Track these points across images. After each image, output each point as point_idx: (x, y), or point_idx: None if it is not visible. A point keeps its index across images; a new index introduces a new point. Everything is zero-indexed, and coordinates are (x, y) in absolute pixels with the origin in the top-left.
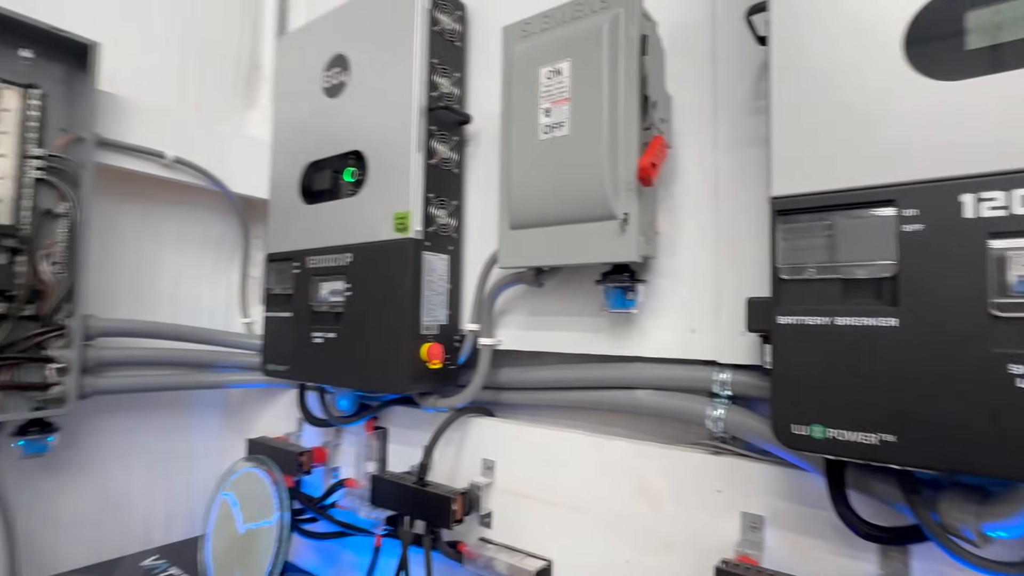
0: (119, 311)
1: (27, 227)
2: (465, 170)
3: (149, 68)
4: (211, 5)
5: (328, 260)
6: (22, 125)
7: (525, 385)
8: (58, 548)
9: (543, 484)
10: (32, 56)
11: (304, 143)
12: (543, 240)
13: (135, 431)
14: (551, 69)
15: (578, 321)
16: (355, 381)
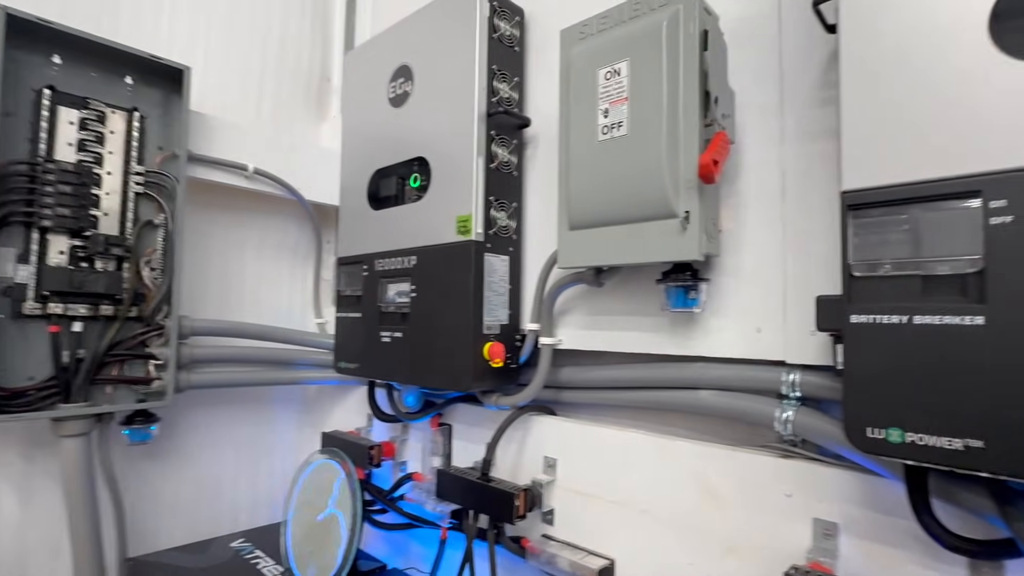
0: (209, 312)
1: (131, 237)
2: (524, 172)
3: (232, 88)
4: (286, 25)
5: (394, 263)
6: (126, 145)
7: (586, 384)
8: (159, 527)
9: (605, 483)
10: (133, 83)
11: (371, 152)
12: (603, 240)
13: (224, 423)
14: (609, 70)
15: (639, 321)
16: (421, 378)
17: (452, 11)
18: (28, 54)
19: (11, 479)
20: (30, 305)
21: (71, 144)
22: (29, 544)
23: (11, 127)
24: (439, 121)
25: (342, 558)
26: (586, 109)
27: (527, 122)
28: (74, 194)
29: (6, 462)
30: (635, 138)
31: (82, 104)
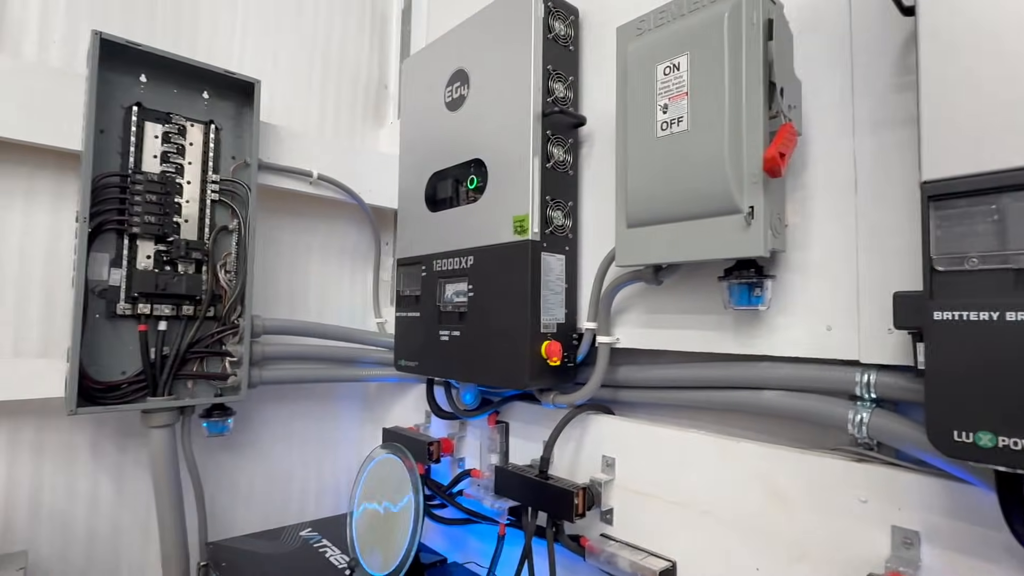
0: (278, 312)
1: (208, 242)
2: (579, 171)
3: (297, 98)
4: (346, 37)
5: (452, 263)
6: (203, 156)
7: (644, 384)
8: (235, 514)
9: (665, 483)
10: (209, 97)
11: (428, 155)
12: (662, 237)
13: (292, 418)
14: (668, 65)
15: (700, 319)
16: (479, 376)
17: (507, 14)
18: (119, 75)
19: (107, 466)
20: (122, 306)
21: (156, 156)
22: (123, 526)
23: (104, 142)
24: (495, 123)
25: (405, 550)
26: (644, 105)
27: (583, 121)
28: (159, 203)
29: (102, 450)
30: (696, 133)
31: (165, 119)
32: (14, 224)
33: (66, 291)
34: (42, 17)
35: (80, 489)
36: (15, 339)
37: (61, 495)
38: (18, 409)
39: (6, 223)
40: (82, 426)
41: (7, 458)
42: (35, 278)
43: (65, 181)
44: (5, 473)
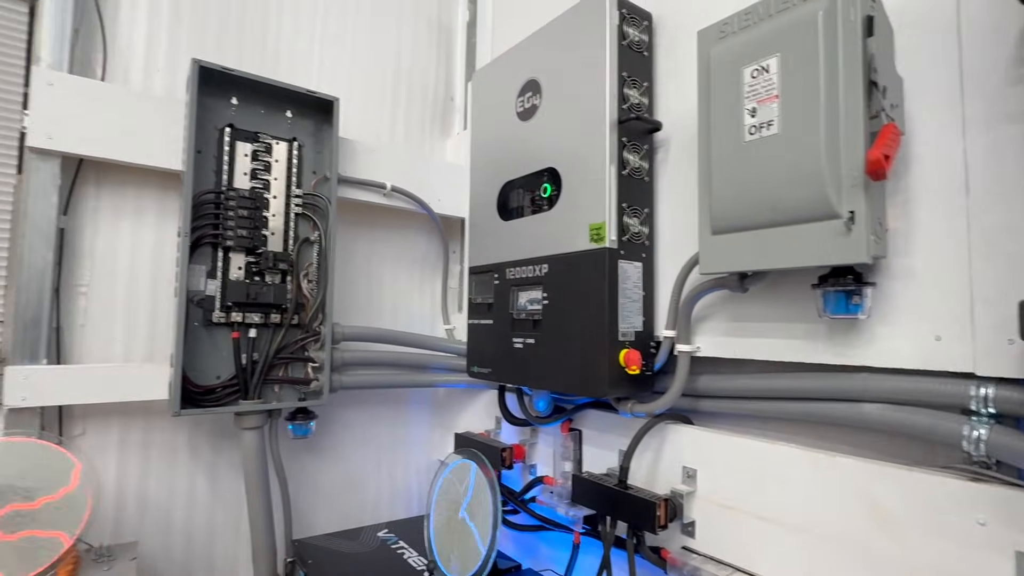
0: (353, 319)
1: (292, 253)
2: (655, 177)
3: (369, 113)
4: (414, 53)
5: (526, 271)
6: (287, 171)
7: (727, 394)
8: (316, 514)
9: (752, 497)
10: (292, 115)
11: (500, 165)
12: (751, 244)
13: (367, 422)
14: (756, 67)
15: (790, 327)
16: (555, 384)
17: (581, 22)
18: (213, 98)
19: (203, 466)
20: (217, 314)
21: (245, 173)
22: (216, 522)
23: (201, 162)
24: (569, 131)
25: (484, 556)
26: (730, 110)
27: (658, 126)
28: (250, 217)
29: (199, 450)
30: (788, 137)
31: (253, 138)
32: (125, 240)
33: (167, 301)
34: (147, 48)
35: (179, 486)
36: (125, 346)
37: (164, 492)
38: (128, 410)
39: (119, 239)
40: (181, 427)
41: (119, 455)
42: (142, 289)
43: (167, 199)
44: (117, 469)
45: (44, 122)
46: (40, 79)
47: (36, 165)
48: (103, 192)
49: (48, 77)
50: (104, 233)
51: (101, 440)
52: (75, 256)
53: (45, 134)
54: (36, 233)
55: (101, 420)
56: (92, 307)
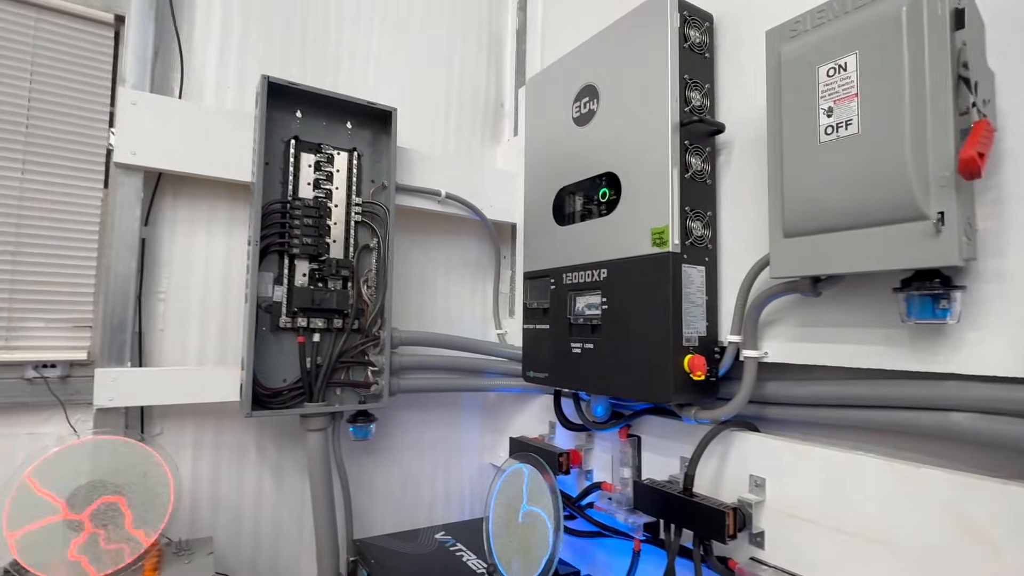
0: (409, 324)
1: (353, 260)
2: (717, 180)
3: (424, 121)
4: (465, 61)
5: (584, 276)
6: (348, 181)
7: (796, 400)
8: (374, 514)
9: (826, 508)
10: (352, 126)
11: (556, 170)
12: (828, 247)
13: (423, 425)
14: (832, 66)
15: (868, 333)
16: (616, 389)
17: (641, 26)
18: (280, 112)
19: (269, 465)
20: (283, 319)
21: (309, 183)
22: (281, 520)
23: (269, 174)
24: (629, 136)
25: (546, 560)
26: (803, 110)
27: (721, 128)
28: (314, 225)
29: (265, 450)
30: (869, 136)
31: (316, 149)
32: (199, 249)
33: (237, 306)
34: (219, 66)
35: (248, 485)
36: (199, 349)
37: (234, 489)
38: (201, 410)
39: (193, 248)
40: (250, 427)
41: (194, 454)
42: (213, 295)
43: (237, 209)
44: (192, 468)
45: (129, 139)
46: (125, 99)
47: (121, 180)
48: (179, 203)
49: (132, 97)
50: (180, 242)
51: (177, 439)
52: (155, 264)
53: (130, 150)
54: (121, 243)
55: (176, 420)
56: (170, 312)
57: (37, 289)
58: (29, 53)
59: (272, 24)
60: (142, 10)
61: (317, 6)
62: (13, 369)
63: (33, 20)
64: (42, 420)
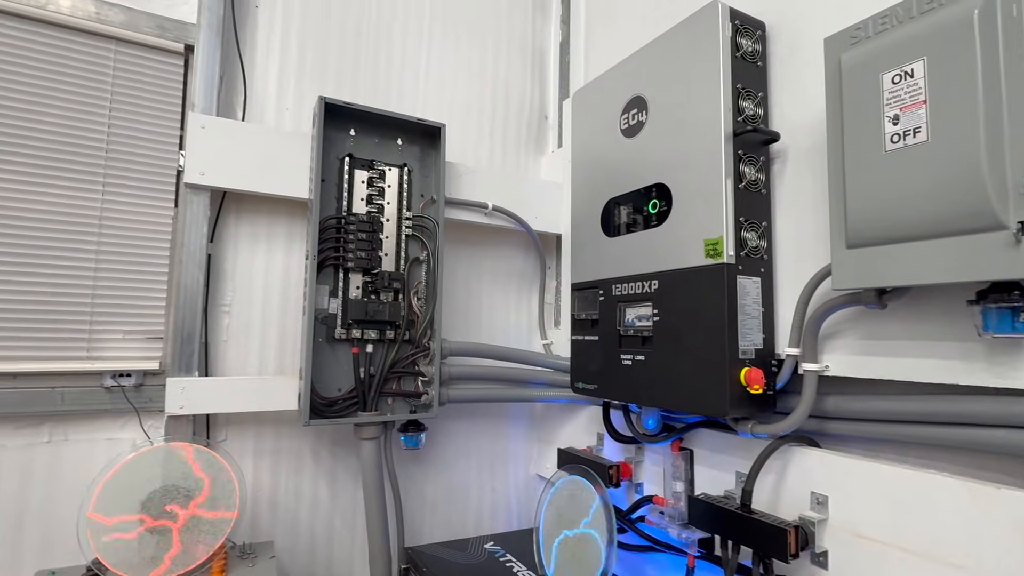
0: (455, 335)
1: (404, 272)
2: (772, 189)
3: (470, 135)
4: (510, 75)
5: (634, 287)
6: (399, 195)
7: (860, 416)
8: (423, 522)
9: (895, 528)
10: (402, 143)
11: (603, 182)
12: (895, 258)
13: (469, 435)
14: (898, 72)
15: (939, 346)
16: (670, 401)
17: (691, 38)
18: (335, 131)
19: (324, 472)
20: (339, 331)
21: (362, 199)
22: (335, 526)
23: (325, 190)
24: (680, 147)
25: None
26: (866, 118)
27: (776, 137)
28: (367, 239)
29: (320, 458)
30: (941, 144)
31: (369, 166)
32: (259, 264)
33: (294, 318)
34: (278, 89)
35: (304, 491)
36: (259, 359)
37: (291, 495)
38: (261, 418)
39: (254, 263)
40: (306, 435)
41: (254, 461)
42: (273, 308)
43: (294, 224)
44: (253, 474)
45: (198, 161)
46: (195, 123)
47: (190, 199)
48: (242, 220)
49: (201, 121)
50: (243, 257)
51: (240, 446)
52: (220, 278)
53: (199, 171)
54: (190, 259)
55: (238, 428)
56: (233, 324)
57: (115, 303)
58: (109, 82)
59: (327, 47)
60: (210, 40)
61: (368, 27)
62: (94, 378)
63: (113, 52)
64: (118, 426)
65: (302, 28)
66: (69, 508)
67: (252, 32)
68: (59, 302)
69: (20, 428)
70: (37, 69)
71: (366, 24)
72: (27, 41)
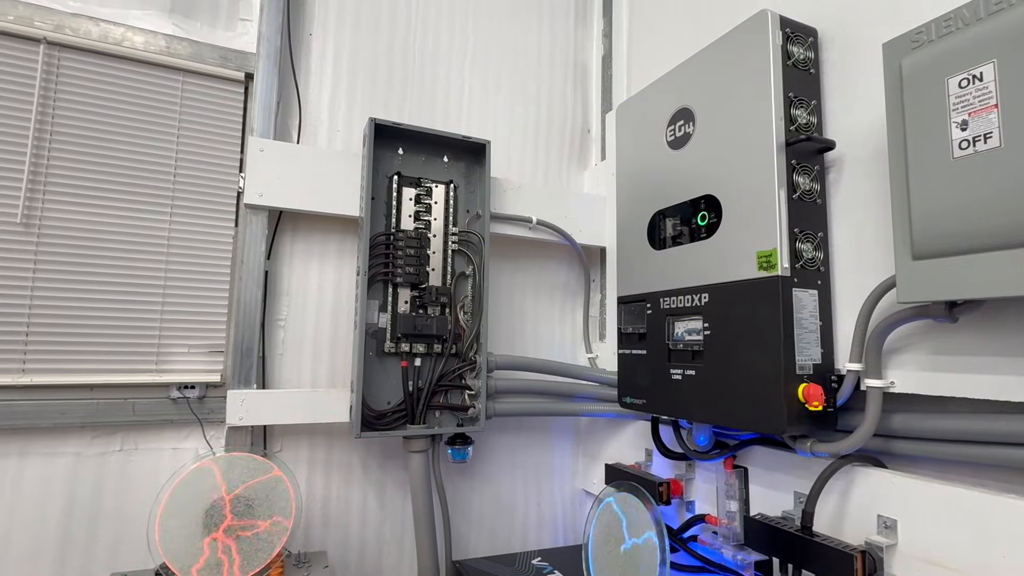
0: (499, 349)
1: (451, 287)
2: (827, 199)
3: (514, 151)
4: (553, 90)
5: (683, 301)
6: (445, 211)
7: (931, 435)
8: (469, 537)
9: (974, 557)
10: (448, 160)
11: (649, 194)
12: (968, 269)
13: (516, 448)
14: (965, 76)
15: (1016, 363)
16: (723, 418)
17: (741, 46)
18: (383, 150)
19: (373, 483)
20: (388, 344)
21: (410, 216)
22: (384, 537)
23: (375, 208)
24: (730, 157)
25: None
26: (931, 124)
27: (831, 145)
28: (415, 255)
29: (370, 469)
30: (1016, 149)
31: (416, 183)
32: (312, 280)
33: (344, 332)
34: (330, 111)
35: (354, 502)
36: (312, 372)
37: (342, 506)
38: (314, 430)
39: (308, 279)
40: (356, 447)
41: (308, 471)
42: (325, 322)
43: (345, 241)
44: (307, 485)
45: (257, 182)
46: (254, 147)
47: (250, 219)
48: (297, 238)
49: (260, 144)
50: (297, 274)
51: (294, 456)
52: (276, 294)
53: (257, 192)
54: (249, 276)
55: (293, 439)
56: (288, 338)
57: (181, 318)
58: (177, 111)
59: (375, 70)
60: (268, 68)
61: (413, 50)
62: (161, 390)
63: (180, 83)
64: (183, 437)
65: (352, 53)
66: (139, 514)
67: (306, 59)
68: (132, 318)
69: (97, 437)
70: (114, 101)
71: (412, 47)
72: (105, 76)
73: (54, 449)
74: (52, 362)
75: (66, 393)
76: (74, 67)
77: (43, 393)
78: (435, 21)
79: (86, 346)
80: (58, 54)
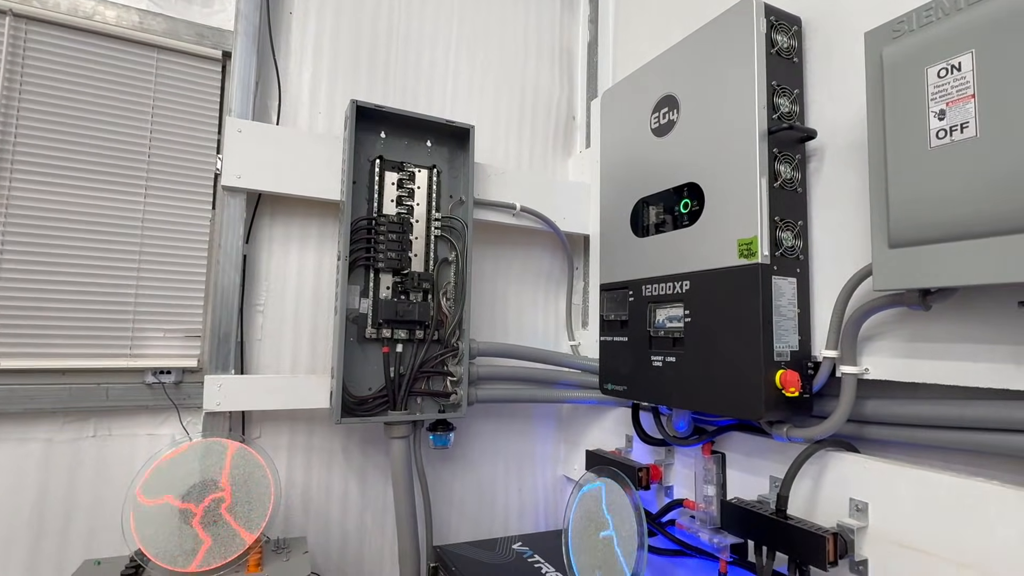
0: (482, 335)
1: (433, 273)
2: (808, 188)
3: (498, 137)
4: (538, 76)
5: (664, 288)
6: (428, 197)
7: (903, 420)
8: (451, 522)
9: (943, 539)
10: (431, 144)
11: (633, 182)
12: (942, 257)
13: (498, 434)
14: (944, 66)
15: (987, 350)
16: (702, 404)
17: (726, 33)
18: (366, 133)
19: (354, 469)
20: (369, 330)
21: (392, 200)
22: (366, 523)
23: (356, 192)
24: (713, 145)
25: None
26: (910, 113)
27: (813, 134)
28: (397, 240)
29: (351, 456)
30: (991, 139)
31: (399, 167)
32: (292, 264)
33: (325, 317)
34: (311, 92)
35: (335, 488)
36: (292, 358)
37: (323, 492)
38: (294, 416)
39: (287, 263)
40: (337, 433)
41: (288, 458)
42: (305, 307)
43: (326, 225)
44: (286, 471)
45: (234, 164)
46: (232, 127)
47: (227, 201)
48: (276, 222)
49: (238, 125)
50: (276, 258)
51: (274, 443)
52: (254, 279)
53: (235, 174)
54: (227, 260)
55: (272, 425)
56: (267, 323)
57: (156, 302)
58: (151, 89)
59: (358, 51)
60: (246, 47)
61: (398, 32)
62: (136, 375)
63: (155, 60)
64: (158, 422)
65: (334, 34)
66: (114, 501)
67: (286, 38)
68: (105, 302)
69: (69, 423)
70: (85, 77)
71: (396, 29)
72: (75, 51)
73: (24, 435)
74: (20, 345)
75: (36, 378)
76: (42, 40)
77: (11, 378)
78: (420, 3)
79: (57, 329)
80: (25, 27)
